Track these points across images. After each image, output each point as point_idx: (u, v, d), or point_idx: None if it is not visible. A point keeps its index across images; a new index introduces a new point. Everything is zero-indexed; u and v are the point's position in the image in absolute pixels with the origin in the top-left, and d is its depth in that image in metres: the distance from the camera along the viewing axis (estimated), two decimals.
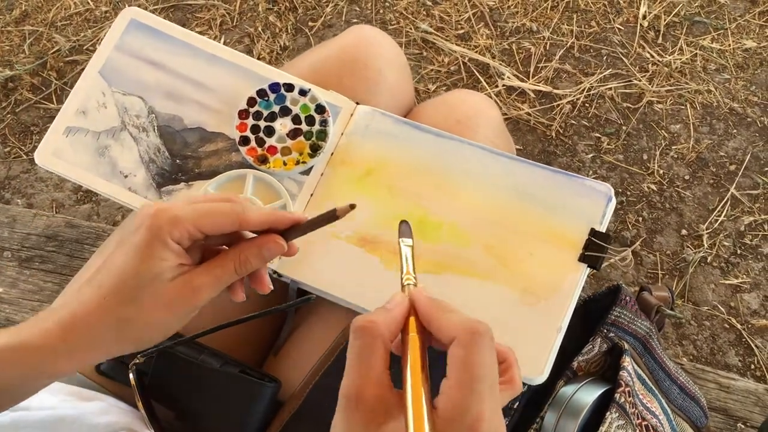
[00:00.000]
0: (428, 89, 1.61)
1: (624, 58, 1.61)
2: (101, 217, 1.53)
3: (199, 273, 0.51)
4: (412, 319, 0.42)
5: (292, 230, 0.54)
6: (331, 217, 0.51)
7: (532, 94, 1.58)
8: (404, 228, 0.52)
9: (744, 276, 1.38)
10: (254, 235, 0.54)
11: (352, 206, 0.50)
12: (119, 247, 0.50)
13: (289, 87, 0.73)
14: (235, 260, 0.52)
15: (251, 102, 0.73)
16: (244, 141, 0.72)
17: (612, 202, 0.68)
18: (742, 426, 0.86)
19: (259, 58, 1.66)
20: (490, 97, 1.57)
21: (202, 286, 0.51)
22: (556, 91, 1.58)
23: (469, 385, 0.38)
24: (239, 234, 0.54)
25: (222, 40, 1.71)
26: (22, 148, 1.64)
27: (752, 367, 1.30)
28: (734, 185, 1.46)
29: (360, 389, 0.39)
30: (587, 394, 0.68)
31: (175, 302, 0.50)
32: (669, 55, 1.60)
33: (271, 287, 0.56)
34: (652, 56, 1.60)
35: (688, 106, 1.55)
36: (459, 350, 0.39)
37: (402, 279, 0.47)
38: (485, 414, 0.38)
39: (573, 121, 1.55)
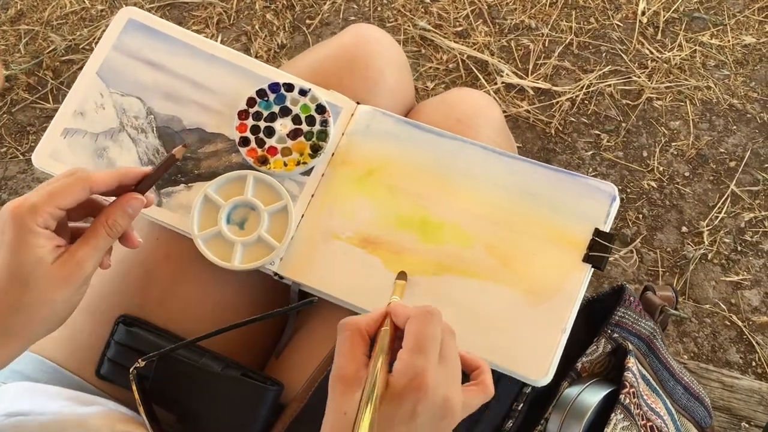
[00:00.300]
0: (427, 87, 1.60)
1: (623, 55, 1.60)
2: None
3: (77, 247, 0.56)
4: (387, 319, 0.52)
5: (143, 182, 0.60)
6: (170, 159, 0.60)
7: (531, 92, 1.57)
8: (402, 274, 0.67)
9: (745, 273, 1.38)
10: (113, 199, 0.59)
11: (186, 146, 0.62)
12: None
13: (289, 87, 0.73)
14: (104, 225, 0.57)
15: (251, 102, 0.72)
16: (244, 142, 0.71)
17: (616, 201, 0.67)
18: (746, 425, 0.86)
19: (256, 57, 1.65)
20: (489, 94, 1.57)
21: (84, 257, 0.56)
22: (555, 88, 1.57)
23: (415, 349, 0.48)
24: (98, 203, 0.59)
25: (219, 39, 1.70)
26: (18, 148, 1.63)
27: (753, 364, 1.30)
28: (734, 182, 1.45)
29: (341, 368, 0.49)
30: (592, 396, 0.68)
31: (66, 279, 0.55)
32: (668, 52, 1.60)
33: (140, 240, 0.62)
34: (652, 53, 1.60)
35: (688, 102, 1.54)
36: (411, 324, 0.49)
37: (390, 299, 0.57)
38: (429, 372, 0.47)
39: (572, 119, 1.54)
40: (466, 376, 0.54)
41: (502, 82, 1.58)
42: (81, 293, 0.58)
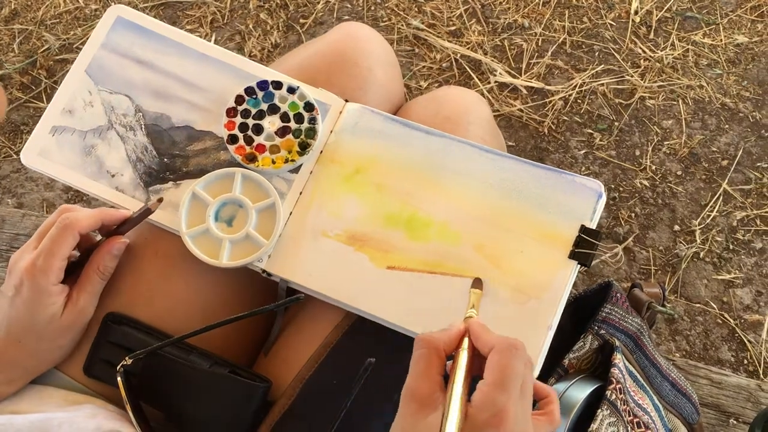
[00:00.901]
0: (420, 86, 1.61)
1: (616, 54, 1.61)
2: None
3: (78, 296, 0.65)
4: (465, 339, 0.51)
5: (124, 225, 0.68)
6: (146, 212, 0.68)
7: (525, 91, 1.58)
8: (477, 281, 0.64)
9: (736, 271, 1.38)
10: (99, 235, 0.69)
11: (160, 200, 0.69)
12: (13, 303, 0.63)
13: (278, 85, 0.73)
14: (96, 272, 0.66)
15: (239, 100, 0.72)
16: (233, 139, 0.71)
17: (602, 198, 0.67)
18: (734, 422, 0.86)
19: (250, 56, 1.65)
20: (483, 93, 1.57)
21: (86, 304, 0.66)
22: (548, 87, 1.58)
23: (499, 384, 0.46)
24: (87, 237, 0.68)
25: (213, 38, 1.70)
26: (12, 147, 1.63)
27: (745, 362, 1.30)
28: (726, 180, 1.46)
29: (415, 387, 0.48)
30: (578, 392, 0.68)
31: (71, 327, 0.66)
32: (661, 51, 1.60)
33: (127, 240, 0.69)
34: (644, 52, 1.60)
35: (680, 101, 1.55)
36: (495, 356, 0.48)
37: (466, 313, 0.56)
38: (510, 409, 0.45)
39: (565, 118, 1.55)
40: (534, 403, 0.53)
41: (496, 82, 1.58)
42: (83, 332, 0.68)
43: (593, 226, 0.66)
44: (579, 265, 0.66)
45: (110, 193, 0.71)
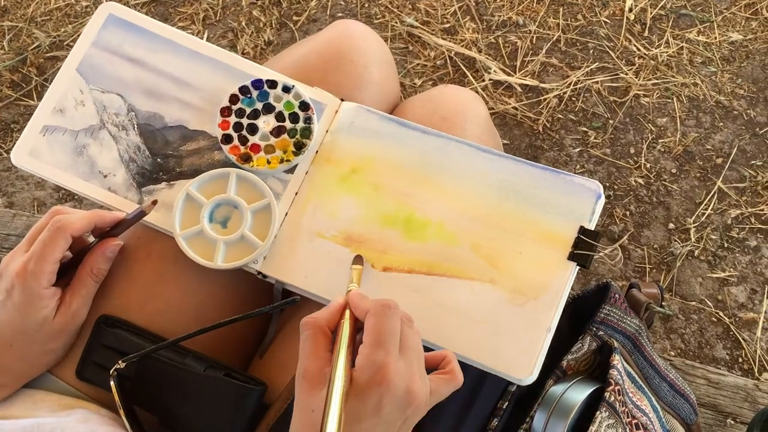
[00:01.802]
0: (414, 84, 1.60)
1: (610, 52, 1.60)
2: None
3: (70, 299, 0.65)
4: (347, 311, 0.53)
5: (117, 227, 0.67)
6: (140, 214, 0.66)
7: (519, 89, 1.57)
8: (358, 258, 0.66)
9: (731, 269, 1.38)
10: (92, 237, 0.68)
11: (154, 202, 0.66)
12: (4, 307, 0.63)
13: (273, 84, 0.72)
14: (89, 274, 0.66)
15: (234, 99, 0.71)
16: (227, 139, 0.70)
17: (601, 199, 0.67)
18: (732, 422, 0.86)
19: (243, 54, 1.64)
20: (477, 91, 1.56)
21: (78, 307, 0.65)
22: (542, 85, 1.57)
23: (375, 343, 0.49)
24: (80, 238, 0.66)
25: (205, 35, 1.68)
26: (2, 146, 1.62)
27: (740, 360, 1.30)
28: (721, 178, 1.46)
29: (305, 367, 0.49)
30: (577, 393, 0.68)
31: (64, 330, 0.65)
32: (655, 49, 1.60)
33: (120, 243, 0.68)
34: (639, 49, 1.60)
35: (675, 99, 1.54)
36: (370, 318, 0.50)
37: (347, 288, 0.57)
38: (390, 364, 0.48)
39: (560, 115, 1.54)
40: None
41: (490, 79, 1.58)
42: (76, 335, 0.67)
43: (592, 227, 0.66)
44: (578, 267, 0.65)
45: (102, 193, 0.70)
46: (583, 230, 0.66)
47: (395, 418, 0.49)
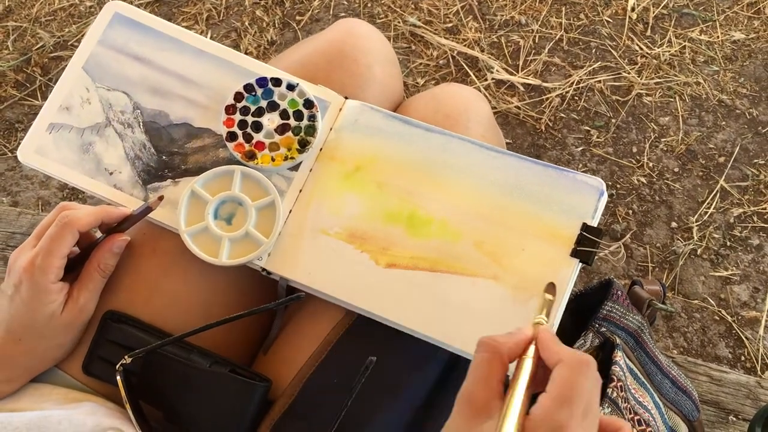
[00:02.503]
0: (417, 83, 1.60)
1: (613, 51, 1.60)
2: None
3: (78, 294, 0.65)
4: (532, 346, 0.48)
5: (124, 223, 0.67)
6: (147, 210, 0.67)
7: (522, 88, 1.57)
8: (551, 286, 0.62)
9: (734, 268, 1.38)
10: (99, 232, 0.69)
11: (161, 198, 0.67)
12: (12, 302, 0.63)
13: (277, 82, 0.72)
14: (97, 270, 0.66)
15: (238, 97, 0.72)
16: (232, 137, 0.71)
17: (604, 196, 0.67)
18: (734, 419, 0.86)
19: (246, 53, 1.64)
20: (480, 90, 1.57)
21: (86, 302, 0.65)
22: (545, 84, 1.57)
23: (562, 400, 0.43)
24: (87, 233, 0.67)
25: (209, 35, 1.69)
26: (7, 145, 1.62)
27: (742, 358, 1.31)
28: (723, 177, 1.46)
29: (473, 391, 0.45)
30: None
31: (72, 324, 0.65)
32: (658, 48, 1.60)
33: (127, 238, 0.69)
34: (641, 48, 1.60)
35: (677, 98, 1.55)
36: (563, 370, 0.44)
37: (534, 318, 0.53)
38: (571, 427, 0.42)
39: (562, 115, 1.55)
40: None
41: (492, 79, 1.58)
42: (84, 330, 0.68)
43: (595, 223, 0.66)
44: (581, 263, 0.66)
45: (108, 191, 0.71)
46: (585, 227, 0.66)
47: None
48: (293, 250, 0.69)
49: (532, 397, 0.45)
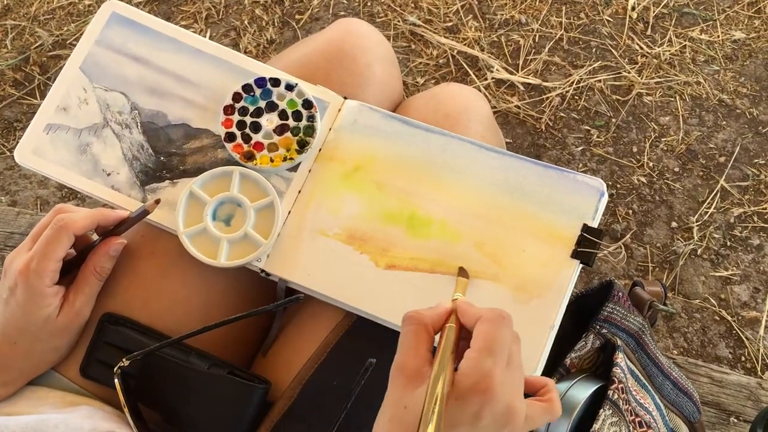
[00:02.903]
0: (417, 82, 1.60)
1: (613, 50, 1.60)
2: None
3: (74, 297, 0.65)
4: (453, 315, 0.51)
5: (120, 226, 0.67)
6: (143, 213, 0.66)
7: (522, 87, 1.57)
8: (462, 270, 0.65)
9: (734, 268, 1.38)
10: (96, 235, 0.68)
11: (157, 201, 0.67)
12: (7, 305, 0.63)
13: (276, 82, 0.72)
14: (93, 273, 0.66)
15: (237, 97, 0.71)
16: (230, 137, 0.70)
17: (604, 197, 0.67)
18: (735, 420, 0.86)
19: (245, 52, 1.64)
20: (479, 90, 1.56)
21: (82, 306, 0.65)
22: (545, 83, 1.57)
23: (485, 350, 0.46)
24: (84, 236, 0.66)
25: (208, 34, 1.69)
26: (5, 144, 1.62)
27: (742, 359, 1.30)
28: (724, 177, 1.46)
29: (404, 361, 0.48)
30: (580, 391, 0.68)
31: (68, 328, 0.65)
32: (658, 47, 1.60)
33: (124, 241, 0.68)
34: (641, 48, 1.60)
35: (678, 98, 1.54)
36: (482, 324, 0.48)
37: (453, 296, 0.56)
38: (496, 374, 0.45)
39: (562, 114, 1.54)
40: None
41: (492, 78, 1.58)
42: (80, 333, 0.67)
43: (595, 224, 0.66)
44: (581, 264, 0.65)
45: (106, 192, 0.70)
46: (586, 228, 0.66)
47: (491, 431, 0.47)
48: (292, 252, 0.68)
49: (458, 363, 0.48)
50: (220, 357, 0.67)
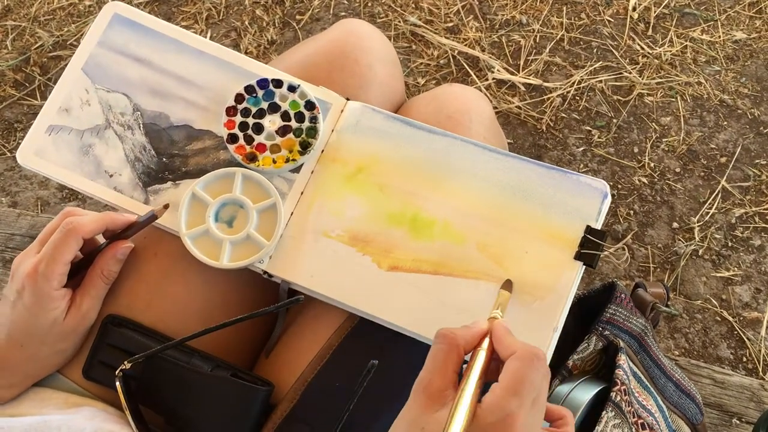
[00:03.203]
0: (418, 83, 1.60)
1: (614, 51, 1.60)
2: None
3: (81, 300, 0.64)
4: (486, 339, 0.51)
5: (128, 230, 0.67)
6: (152, 218, 0.66)
7: (522, 88, 1.57)
8: (507, 283, 0.64)
9: (735, 269, 1.38)
10: (103, 238, 0.68)
11: (166, 206, 0.66)
12: (15, 307, 0.62)
13: (278, 83, 0.72)
14: (100, 276, 0.66)
15: (239, 99, 0.71)
16: (232, 139, 0.70)
17: (607, 198, 0.67)
18: (737, 422, 0.86)
19: (246, 53, 1.64)
20: (480, 90, 1.56)
21: (89, 309, 0.65)
22: (546, 84, 1.57)
23: (513, 390, 0.45)
24: (91, 239, 0.66)
25: (208, 35, 1.68)
26: (6, 145, 1.62)
27: (744, 359, 1.30)
28: (725, 177, 1.46)
29: (429, 380, 0.47)
30: (583, 393, 0.68)
31: (74, 331, 0.65)
32: (659, 47, 1.59)
33: (131, 245, 0.68)
34: (642, 48, 1.60)
35: (679, 98, 1.54)
36: (514, 362, 0.47)
37: (491, 313, 0.56)
38: (520, 416, 0.45)
39: (563, 115, 1.54)
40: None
41: (493, 78, 1.57)
42: (85, 336, 0.67)
43: (598, 226, 0.66)
44: (584, 266, 0.65)
45: (108, 193, 0.70)
46: (589, 229, 0.66)
47: None
48: (295, 253, 0.68)
49: (484, 387, 0.47)
50: (222, 359, 0.67)
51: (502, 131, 0.85)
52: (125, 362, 0.62)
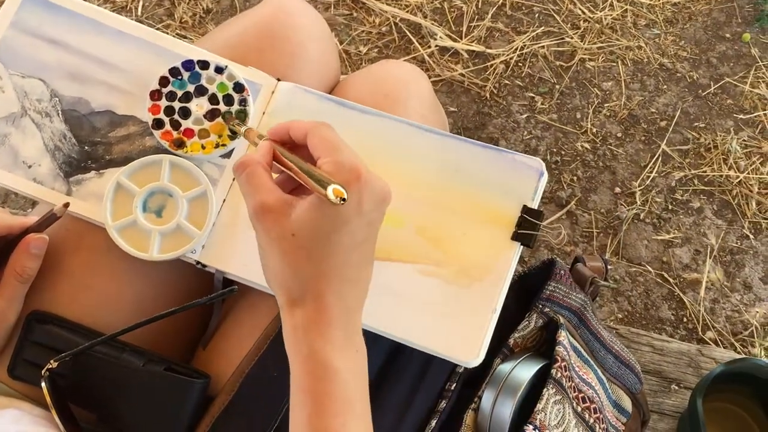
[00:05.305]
0: (360, 52, 1.56)
1: (556, 15, 1.59)
2: (13, 209, 1.45)
3: None
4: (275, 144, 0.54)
5: (27, 232, 0.63)
6: (51, 218, 0.63)
7: (465, 55, 1.55)
8: (246, 129, 0.64)
9: (675, 231, 1.40)
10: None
11: (66, 205, 0.63)
12: None
13: (204, 64, 0.69)
14: (14, 275, 0.62)
15: (163, 82, 0.68)
16: (158, 124, 0.67)
17: (543, 177, 0.66)
18: (676, 387, 0.88)
19: (180, 23, 1.58)
20: (423, 58, 1.54)
21: (4, 311, 0.62)
22: (489, 50, 1.55)
23: (334, 150, 0.50)
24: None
25: (140, 3, 1.62)
26: None
27: (684, 320, 1.33)
28: (665, 141, 1.47)
29: (261, 201, 0.49)
30: (524, 371, 0.68)
31: None
32: (600, 12, 1.59)
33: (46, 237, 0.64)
34: (584, 12, 1.59)
35: (620, 62, 1.55)
36: (314, 135, 0.51)
37: (255, 140, 0.59)
38: (360, 163, 0.49)
39: (507, 81, 1.53)
40: None
41: (436, 46, 1.55)
42: (6, 338, 0.64)
43: (535, 205, 0.65)
44: (522, 246, 0.65)
45: (28, 185, 0.67)
46: (526, 209, 0.65)
47: (376, 216, 0.51)
48: (228, 242, 0.66)
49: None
50: (157, 352, 0.65)
51: (441, 108, 0.84)
52: (51, 361, 0.60)
